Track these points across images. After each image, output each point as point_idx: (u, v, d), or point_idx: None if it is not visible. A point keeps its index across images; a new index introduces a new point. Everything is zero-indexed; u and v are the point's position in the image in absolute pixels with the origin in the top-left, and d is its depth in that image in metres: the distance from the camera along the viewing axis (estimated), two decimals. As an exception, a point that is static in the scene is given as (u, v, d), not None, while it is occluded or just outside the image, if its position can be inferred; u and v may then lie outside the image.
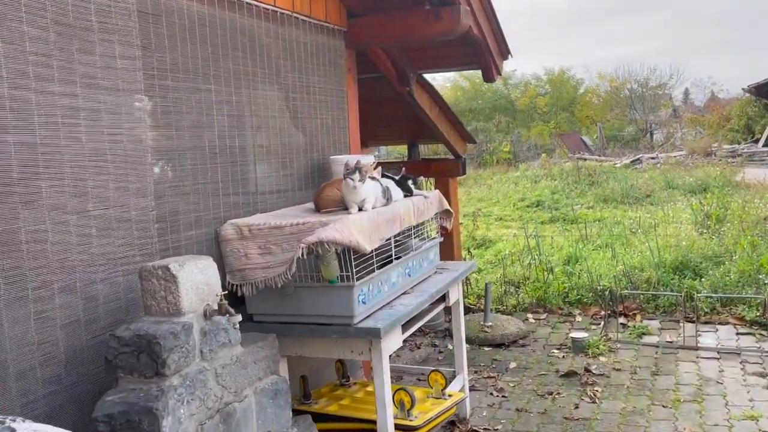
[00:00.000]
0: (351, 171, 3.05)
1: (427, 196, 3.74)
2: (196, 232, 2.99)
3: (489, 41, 4.58)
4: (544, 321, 6.34)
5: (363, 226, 2.98)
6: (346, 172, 3.07)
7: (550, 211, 12.82)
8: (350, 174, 3.04)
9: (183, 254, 2.90)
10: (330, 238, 2.76)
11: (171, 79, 2.83)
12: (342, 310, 2.95)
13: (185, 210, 2.93)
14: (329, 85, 4.12)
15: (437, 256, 3.98)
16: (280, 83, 3.63)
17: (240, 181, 3.30)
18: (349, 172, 3.05)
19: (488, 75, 4.78)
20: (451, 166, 6.40)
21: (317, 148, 4.00)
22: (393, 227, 3.28)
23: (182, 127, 2.91)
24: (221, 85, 3.14)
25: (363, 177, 3.05)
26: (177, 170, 2.88)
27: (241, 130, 3.30)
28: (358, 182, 3.02)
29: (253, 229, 3.02)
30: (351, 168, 3.06)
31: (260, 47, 3.44)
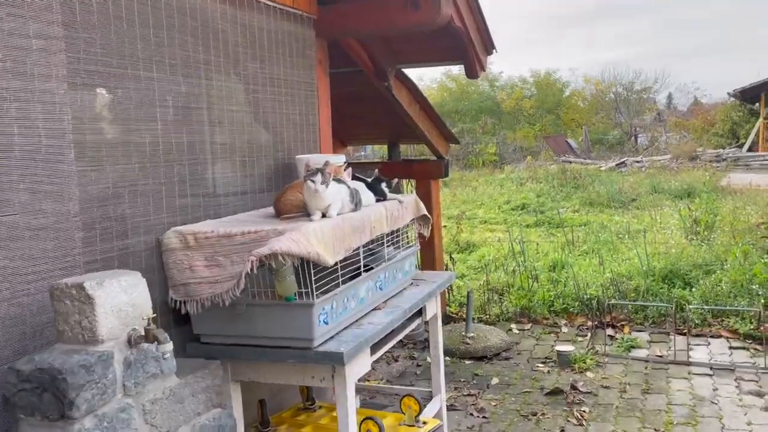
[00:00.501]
0: (312, 172, 2.68)
1: (402, 200, 3.37)
2: (134, 241, 2.61)
3: (472, 34, 4.23)
4: (529, 332, 6.01)
5: (325, 235, 2.61)
6: (307, 173, 2.70)
7: (535, 214, 12.53)
8: (311, 176, 2.67)
9: (116, 267, 2.51)
10: (284, 250, 2.39)
11: (101, 63, 2.44)
12: (300, 331, 2.58)
13: (119, 215, 2.54)
14: (297, 77, 3.74)
15: (413, 267, 3.62)
16: (240, 74, 3.25)
17: (191, 183, 2.91)
18: (310, 174, 2.68)
19: (471, 71, 4.44)
20: (433, 167, 6.05)
21: (283, 147, 3.63)
22: (362, 236, 2.92)
23: (116, 120, 2.52)
24: (166, 73, 2.76)
25: (326, 179, 2.68)
26: (108, 170, 2.49)
27: (190, 125, 2.92)
28: (321, 185, 2.66)
29: (199, 238, 2.64)
30: (312, 169, 2.69)
31: (215, 33, 3.06)
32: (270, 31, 3.48)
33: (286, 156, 3.64)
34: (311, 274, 2.52)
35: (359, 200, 2.93)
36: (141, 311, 2.10)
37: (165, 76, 2.75)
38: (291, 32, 3.67)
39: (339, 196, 2.79)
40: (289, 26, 3.65)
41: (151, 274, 2.69)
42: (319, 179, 2.66)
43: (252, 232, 2.57)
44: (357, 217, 2.88)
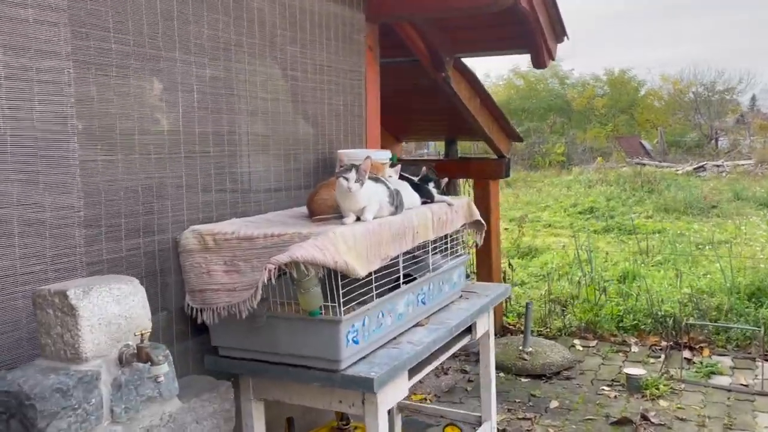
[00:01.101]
0: (345, 169, 2.34)
1: (452, 203, 3.00)
2: (146, 240, 2.34)
3: (541, 18, 3.79)
4: (594, 349, 5.50)
5: (357, 242, 2.27)
6: (340, 170, 2.36)
7: (604, 219, 11.84)
8: (344, 172, 2.33)
9: (124, 269, 2.25)
10: (307, 258, 2.06)
11: (113, 40, 2.18)
12: (325, 351, 2.25)
13: (131, 211, 2.27)
14: (343, 64, 3.42)
15: (463, 278, 3.24)
16: (276, 58, 2.95)
17: (216, 177, 2.63)
18: (343, 170, 2.34)
19: (538, 59, 4.00)
20: (493, 166, 5.63)
21: (323, 140, 3.31)
22: (402, 243, 2.56)
23: (128, 105, 2.25)
24: (190, 54, 2.48)
25: (361, 177, 2.34)
26: (119, 161, 2.22)
27: (219, 113, 2.63)
28: (354, 184, 2.31)
29: (218, 239, 2.35)
30: (346, 165, 2.35)
31: (249, 11, 2.76)
32: (313, 13, 3.16)
33: (328, 150, 3.33)
34: (339, 286, 2.18)
35: (400, 202, 2.58)
36: (137, 324, 1.82)
37: (188, 57, 2.47)
38: (337, 14, 3.34)
39: (376, 197, 2.44)
40: (335, 8, 3.32)
41: (168, 276, 2.43)
42: (353, 177, 2.32)
43: (275, 236, 2.26)
44: (397, 222, 2.52)
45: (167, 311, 2.43)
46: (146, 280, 2.33)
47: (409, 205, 2.74)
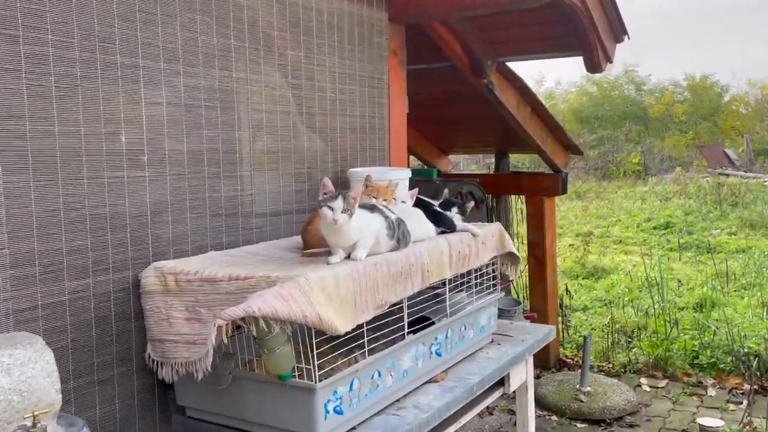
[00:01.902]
0: (331, 197, 1.91)
1: (477, 232, 2.51)
2: (98, 280, 1.98)
3: (594, 15, 3.26)
4: (663, 391, 4.83)
5: (341, 287, 1.83)
6: (324, 197, 1.93)
7: (681, 235, 10.91)
8: (329, 201, 1.90)
9: (68, 315, 1.89)
10: (266, 312, 1.64)
11: (51, 44, 1.83)
12: (299, 423, 1.81)
13: (76, 246, 1.92)
14: (361, 70, 3.00)
15: (494, 319, 2.74)
16: (274, 64, 2.56)
17: (194, 201, 2.26)
18: (327, 198, 1.91)
19: (593, 62, 3.46)
20: (547, 182, 5.07)
21: (336, 156, 2.90)
22: (407, 284, 2.10)
23: (76, 119, 1.90)
24: (157, 61, 2.11)
25: (350, 207, 1.90)
26: (61, 184, 1.87)
27: (197, 127, 2.26)
28: (341, 215, 1.88)
29: (180, 280, 1.96)
30: (330, 191, 1.92)
31: (236, 8, 2.38)
32: (321, 11, 2.76)
33: (340, 168, 2.91)
34: (313, 345, 1.75)
35: (403, 234, 2.12)
36: (38, 399, 1.44)
37: (154, 63, 2.10)
38: (352, 14, 2.93)
39: (371, 229, 1.99)
40: (349, 6, 2.91)
41: (126, 322, 2.06)
42: (339, 206, 1.88)
43: (239, 279, 1.85)
44: (399, 259, 2.07)
45: (125, 363, 2.06)
46: (97, 326, 1.97)
47: (421, 237, 2.28)
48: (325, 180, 1.93)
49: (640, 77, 31.11)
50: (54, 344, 1.85)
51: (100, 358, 1.99)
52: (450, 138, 5.51)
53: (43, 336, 1.79)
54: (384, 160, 3.18)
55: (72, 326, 1.91)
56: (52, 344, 1.85)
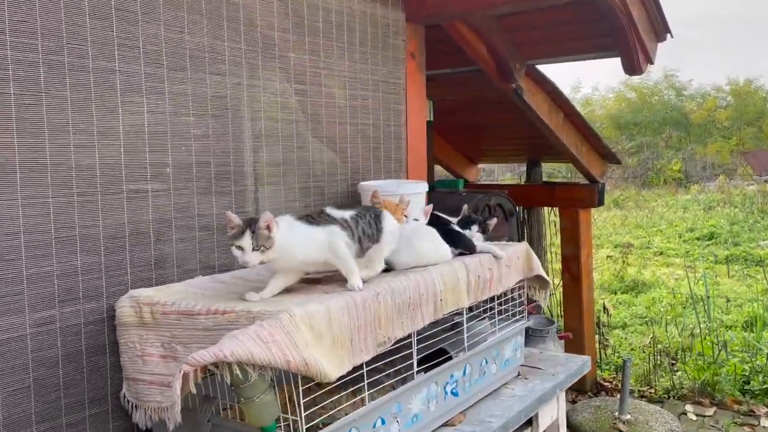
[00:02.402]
0: (236, 233, 1.63)
1: (500, 254, 2.22)
2: (66, 311, 1.75)
3: (633, 11, 2.95)
4: (711, 420, 4.43)
5: (335, 324, 1.56)
6: (231, 233, 1.65)
7: (727, 247, 10.36)
8: (235, 238, 1.63)
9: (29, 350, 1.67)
10: (241, 356, 1.39)
11: (9, 45, 1.62)
12: (285, 481, 1.56)
13: (39, 273, 1.70)
14: (375, 75, 2.75)
15: (520, 350, 2.44)
16: (273, 68, 2.32)
17: (181, 220, 2.03)
18: (233, 236, 1.64)
19: (632, 63, 3.14)
20: (583, 193, 4.73)
21: (346, 168, 2.65)
22: (417, 316, 1.83)
23: (39, 129, 1.69)
24: (138, 64, 1.89)
25: (262, 241, 1.61)
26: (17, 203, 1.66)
27: (184, 138, 2.04)
28: (253, 254, 1.62)
29: (156, 311, 1.73)
30: (236, 225, 1.64)
31: (231, 6, 2.15)
32: (328, 11, 2.51)
33: (350, 180, 2.66)
34: (299, 393, 1.49)
35: (363, 232, 1.76)
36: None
37: (134, 67, 1.88)
38: (364, 13, 2.68)
39: (316, 243, 1.70)
40: (360, 5, 2.66)
41: (100, 357, 1.84)
42: (247, 243, 1.61)
43: (218, 313, 1.60)
44: (406, 288, 1.80)
45: (99, 404, 1.83)
46: (64, 363, 1.75)
47: (434, 260, 2.01)
48: (228, 214, 1.65)
49: (681, 82, 30.24)
50: (12, 385, 1.64)
51: (68, 399, 1.77)
52: (478, 146, 5.22)
53: (-2, 376, 1.59)
54: (401, 172, 2.92)
55: (35, 363, 1.69)
56: (10, 385, 1.64)
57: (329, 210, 1.76)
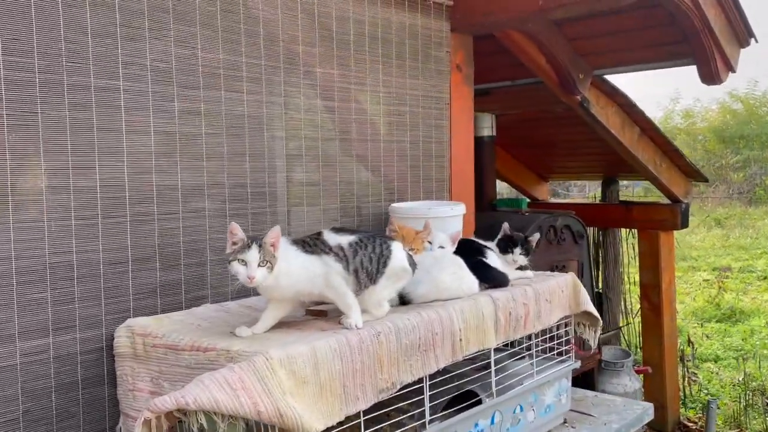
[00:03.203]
0: (241, 247, 1.48)
1: (538, 288, 1.97)
2: (60, 339, 1.68)
3: (709, 13, 2.63)
4: (813, 474, 3.91)
5: (320, 369, 1.39)
6: (232, 248, 1.50)
7: (842, 273, 9.35)
8: (239, 252, 1.48)
9: (19, 382, 1.61)
10: (204, 404, 1.24)
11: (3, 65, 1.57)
12: None
13: (29, 300, 1.64)
14: (414, 89, 2.58)
15: (566, 395, 2.17)
16: (297, 84, 2.20)
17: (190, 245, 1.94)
18: (237, 250, 1.49)
19: (709, 72, 2.80)
20: (663, 214, 4.35)
21: (378, 189, 2.48)
22: (429, 359, 1.63)
23: (34, 150, 1.63)
24: (144, 83, 1.81)
25: (268, 257, 1.46)
26: (9, 227, 1.60)
27: (195, 158, 1.94)
28: (258, 270, 1.46)
29: (147, 344, 1.63)
30: (239, 239, 1.49)
31: (248, 21, 2.05)
32: (360, 22, 2.37)
33: (383, 201, 2.49)
34: (274, 445, 1.33)
35: (361, 264, 1.54)
36: None
37: (136, 85, 1.81)
38: (401, 24, 2.52)
39: (314, 272, 1.53)
40: (399, 16, 2.50)
41: (97, 389, 1.76)
42: (253, 258, 1.45)
43: (200, 350, 1.48)
44: (416, 327, 1.60)
45: (95, 438, 1.75)
46: (58, 394, 1.68)
47: (457, 294, 1.81)
48: (233, 225, 1.50)
49: (793, 91, 28.08)
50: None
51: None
52: (547, 162, 4.92)
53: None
54: (443, 192, 2.72)
55: (25, 394, 1.63)
56: (-3, 416, 1.58)
57: (327, 234, 1.59)
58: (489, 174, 4.10)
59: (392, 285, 1.62)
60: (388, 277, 1.59)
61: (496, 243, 2.11)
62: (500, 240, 2.11)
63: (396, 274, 1.60)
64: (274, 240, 1.49)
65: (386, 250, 1.59)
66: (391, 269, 1.59)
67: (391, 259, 1.58)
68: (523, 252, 2.07)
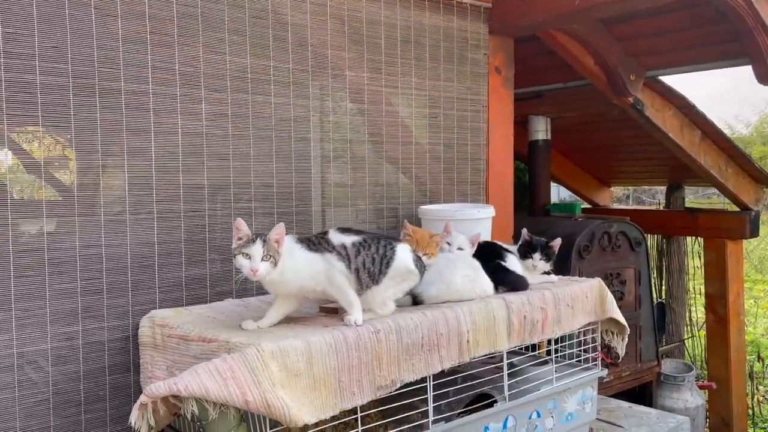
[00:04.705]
0: (245, 241, 1.53)
1: (558, 293, 1.93)
2: (89, 327, 1.80)
3: (760, 9, 2.49)
4: None
5: (314, 363, 1.43)
6: (237, 243, 1.54)
7: None
8: (244, 246, 1.53)
9: (49, 365, 1.73)
10: (194, 391, 1.30)
11: (40, 70, 1.70)
12: None
13: (61, 290, 1.75)
14: (448, 92, 2.58)
15: (592, 403, 2.11)
16: (326, 88, 2.25)
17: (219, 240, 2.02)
18: (241, 244, 1.53)
19: (763, 70, 2.64)
20: (730, 222, 4.13)
21: (408, 192, 2.50)
22: (432, 358, 1.63)
23: (66, 149, 1.75)
24: (173, 86, 1.91)
25: (272, 252, 1.49)
26: (42, 219, 1.73)
27: (221, 158, 2.03)
28: (262, 264, 1.50)
29: (164, 334, 1.71)
30: (244, 235, 1.53)
31: (277, 26, 2.12)
32: (392, 26, 2.40)
33: (414, 204, 2.50)
34: None
35: (363, 265, 1.56)
36: None
37: (161, 89, 1.91)
38: (437, 27, 2.53)
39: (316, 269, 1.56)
40: (433, 19, 2.51)
41: (124, 375, 1.86)
42: (257, 252, 1.50)
43: (206, 341, 1.54)
44: (419, 326, 1.61)
45: (121, 421, 1.85)
46: (85, 379, 1.79)
47: (469, 296, 1.80)
48: (238, 221, 1.54)
49: None
50: (31, 397, 1.70)
51: (89, 415, 1.80)
52: (608, 167, 4.77)
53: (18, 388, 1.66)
54: (480, 195, 2.70)
55: (55, 377, 1.75)
56: (29, 396, 1.70)
57: (332, 234, 1.62)
58: (543, 178, 4.02)
59: (397, 286, 1.63)
60: (392, 277, 1.60)
61: (518, 248, 2.08)
62: (520, 245, 2.08)
63: (400, 275, 1.61)
64: (278, 236, 1.53)
65: (390, 252, 1.60)
66: (395, 270, 1.60)
67: (394, 261, 1.60)
68: (543, 257, 2.03)
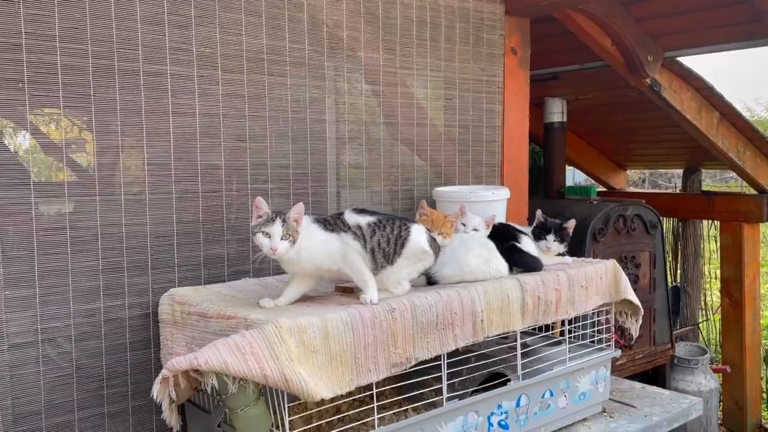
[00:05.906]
0: (265, 220, 1.55)
1: (573, 274, 1.94)
2: (110, 304, 1.83)
3: (784, -14, 2.45)
4: None
5: (330, 340, 1.45)
6: (257, 221, 1.56)
7: None
8: (264, 225, 1.55)
9: (72, 341, 1.77)
10: (214, 365, 1.33)
11: (59, 52, 1.72)
12: (276, 501, 1.47)
13: (84, 267, 1.79)
14: (464, 73, 2.58)
15: (605, 383, 2.12)
16: (341, 69, 2.26)
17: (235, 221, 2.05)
18: (261, 223, 1.55)
19: (784, 50, 2.61)
20: (747, 205, 4.10)
21: (423, 174, 2.51)
22: (447, 337, 1.66)
23: (86, 130, 1.78)
24: (190, 67, 1.93)
25: (291, 231, 1.52)
26: (64, 200, 1.76)
27: (239, 139, 2.05)
28: (281, 242, 1.52)
29: (184, 312, 1.74)
30: (264, 213, 1.56)
31: (292, 6, 2.13)
32: (407, 5, 2.39)
33: (429, 186, 2.51)
34: (284, 408, 1.40)
35: (378, 245, 1.60)
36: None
37: (180, 69, 1.92)
38: (452, 7, 2.52)
39: (333, 249, 1.58)
40: (450, 0, 2.51)
41: (144, 352, 1.90)
42: (277, 231, 1.52)
43: (224, 317, 1.57)
44: (433, 305, 1.63)
45: (142, 396, 1.89)
46: (107, 355, 1.83)
47: (483, 276, 1.81)
48: (258, 200, 1.56)
49: None
50: (54, 371, 1.75)
51: (111, 389, 1.85)
52: (623, 150, 4.74)
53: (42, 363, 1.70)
54: (494, 178, 2.71)
55: (78, 352, 1.79)
56: (53, 371, 1.75)
57: (347, 214, 1.64)
58: (558, 161, 4.01)
59: (412, 266, 1.65)
60: (407, 257, 1.62)
61: (532, 230, 2.09)
62: (534, 227, 2.09)
63: (415, 255, 1.63)
64: (297, 216, 1.56)
65: (404, 232, 1.62)
66: (410, 250, 1.62)
67: (409, 241, 1.62)
68: (557, 239, 2.04)
